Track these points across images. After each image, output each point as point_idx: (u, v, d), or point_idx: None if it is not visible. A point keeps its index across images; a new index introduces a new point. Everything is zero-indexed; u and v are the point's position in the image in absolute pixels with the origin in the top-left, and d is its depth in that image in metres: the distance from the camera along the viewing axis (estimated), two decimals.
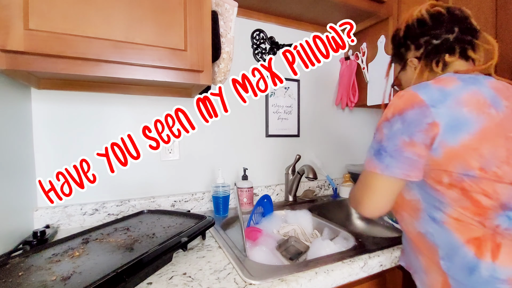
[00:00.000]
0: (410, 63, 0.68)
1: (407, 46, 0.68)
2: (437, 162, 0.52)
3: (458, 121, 0.51)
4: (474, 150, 0.50)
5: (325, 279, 0.63)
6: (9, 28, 0.59)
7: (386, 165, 0.55)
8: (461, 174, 0.51)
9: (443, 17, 0.62)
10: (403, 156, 0.53)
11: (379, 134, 0.58)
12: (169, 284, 0.59)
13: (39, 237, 0.77)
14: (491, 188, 0.51)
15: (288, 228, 1.00)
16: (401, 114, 0.54)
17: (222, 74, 0.90)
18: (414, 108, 0.53)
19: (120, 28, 0.69)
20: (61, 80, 0.89)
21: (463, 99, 0.52)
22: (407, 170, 0.54)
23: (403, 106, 0.54)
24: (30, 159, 0.88)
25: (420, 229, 0.59)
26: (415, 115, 0.52)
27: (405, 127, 0.53)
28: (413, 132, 0.52)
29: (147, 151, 1.06)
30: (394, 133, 0.54)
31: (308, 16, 1.28)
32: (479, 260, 0.50)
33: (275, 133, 1.32)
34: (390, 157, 0.55)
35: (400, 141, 0.54)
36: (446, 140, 0.51)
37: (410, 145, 0.53)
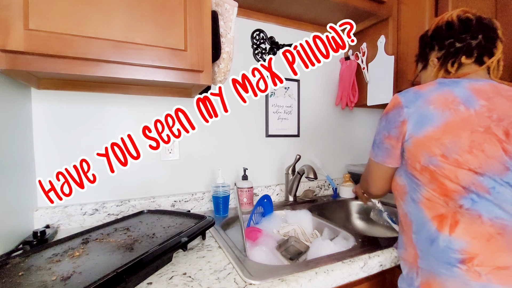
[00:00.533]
0: (432, 63, 0.75)
1: (432, 46, 0.74)
2: (410, 151, 0.63)
3: (424, 117, 0.61)
4: (436, 140, 0.59)
5: (325, 279, 0.63)
6: (9, 28, 0.59)
7: (375, 153, 0.71)
8: (427, 160, 0.60)
9: (471, 23, 0.68)
10: (383, 147, 0.68)
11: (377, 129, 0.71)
12: (169, 284, 0.59)
13: (39, 237, 0.77)
14: (453, 174, 0.58)
15: (288, 228, 1.00)
16: (386, 114, 0.68)
17: (222, 74, 0.90)
18: (394, 109, 0.66)
19: (120, 28, 0.69)
20: (61, 80, 0.89)
21: (432, 99, 0.62)
22: (384, 157, 0.69)
23: (388, 107, 0.68)
24: (30, 159, 0.88)
25: (405, 209, 0.68)
26: (393, 114, 0.66)
27: (386, 124, 0.67)
28: (390, 128, 0.66)
29: (147, 151, 1.06)
30: (380, 129, 0.69)
31: (308, 16, 1.28)
32: (439, 233, 0.59)
33: (275, 133, 1.32)
34: (377, 147, 0.70)
35: (382, 135, 0.68)
36: (414, 132, 0.62)
37: (388, 138, 0.66)
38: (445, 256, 0.58)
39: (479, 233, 0.57)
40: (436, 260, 0.59)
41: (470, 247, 0.56)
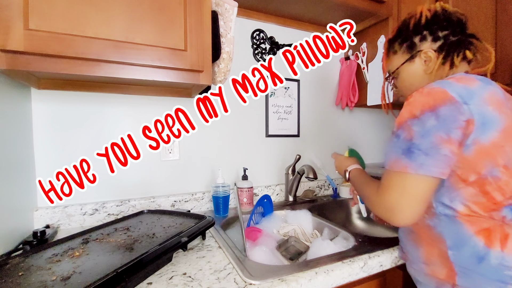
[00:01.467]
0: (424, 54, 0.66)
1: (423, 37, 0.66)
2: (467, 160, 0.52)
3: (486, 119, 0.52)
4: (501, 147, 0.52)
5: (325, 279, 0.63)
6: (9, 28, 0.59)
7: (420, 163, 0.52)
8: (488, 171, 0.52)
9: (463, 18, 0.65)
10: (440, 154, 0.51)
11: (406, 133, 0.55)
12: (169, 284, 0.59)
13: (39, 237, 0.77)
14: (506, 185, 0.53)
15: (288, 228, 1.00)
16: (434, 110, 0.52)
17: (222, 74, 0.90)
18: (447, 104, 0.51)
19: (120, 28, 0.69)
20: (61, 80, 0.89)
21: (487, 98, 0.53)
22: (443, 168, 0.52)
23: (433, 102, 0.53)
24: (30, 159, 0.88)
25: (428, 221, 0.60)
26: (449, 111, 0.51)
27: (440, 123, 0.51)
28: (450, 128, 0.51)
29: (147, 151, 1.06)
30: (428, 130, 0.52)
31: (308, 16, 1.28)
32: (489, 249, 0.52)
33: (275, 133, 1.32)
34: (425, 155, 0.52)
35: (436, 138, 0.51)
36: (479, 137, 0.51)
37: (448, 142, 0.51)
38: (498, 274, 0.51)
39: None
40: (485, 278, 0.52)
41: None
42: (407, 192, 0.54)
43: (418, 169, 0.52)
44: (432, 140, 0.52)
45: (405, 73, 0.71)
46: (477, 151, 0.52)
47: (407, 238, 0.68)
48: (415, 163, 0.53)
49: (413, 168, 0.53)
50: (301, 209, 1.11)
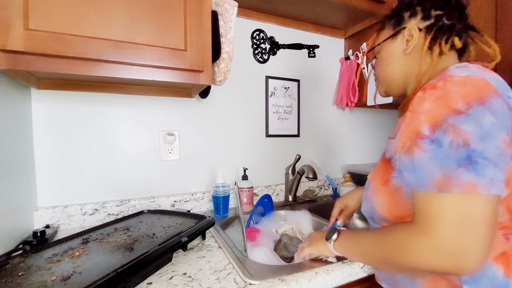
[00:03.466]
0: (407, 32, 0.57)
1: (414, 12, 0.57)
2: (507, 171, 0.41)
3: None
4: None
5: (325, 279, 0.63)
6: (9, 28, 0.59)
7: (490, 179, 0.38)
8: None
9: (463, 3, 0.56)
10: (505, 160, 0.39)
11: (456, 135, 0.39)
12: (169, 284, 0.59)
13: (39, 237, 0.77)
14: None
15: (285, 227, 1.00)
16: (484, 102, 0.39)
17: (222, 74, 0.90)
18: (495, 95, 0.40)
19: (120, 28, 0.69)
20: (61, 80, 0.89)
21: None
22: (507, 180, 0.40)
23: (478, 93, 0.40)
24: (30, 159, 0.88)
25: None
26: (500, 104, 0.40)
27: (498, 120, 0.39)
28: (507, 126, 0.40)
29: (147, 151, 1.06)
30: (489, 129, 0.38)
31: (308, 16, 1.28)
32: (510, 279, 0.43)
33: (275, 133, 1.32)
34: (494, 166, 0.38)
35: (501, 141, 0.39)
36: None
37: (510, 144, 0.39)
38: None
39: None
40: None
41: None
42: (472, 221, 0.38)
43: (490, 187, 0.38)
44: (498, 143, 0.38)
45: (384, 51, 0.62)
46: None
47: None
48: (484, 178, 0.38)
49: (485, 187, 0.37)
50: (301, 209, 1.11)
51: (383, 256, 0.49)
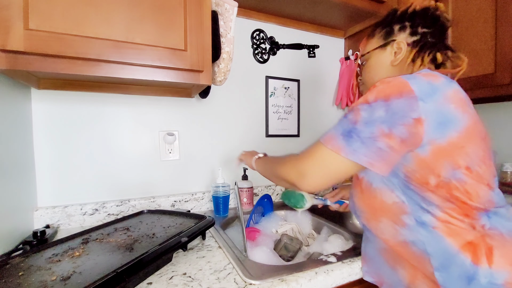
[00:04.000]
0: (396, 45, 0.63)
1: (403, 27, 0.63)
2: (424, 161, 0.50)
3: (446, 117, 0.49)
4: (461, 148, 0.49)
5: (325, 279, 0.63)
6: (9, 28, 0.59)
7: (353, 149, 0.51)
8: (450, 174, 0.49)
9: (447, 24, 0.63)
10: (375, 146, 0.50)
11: (354, 115, 0.53)
12: (169, 284, 0.59)
13: (39, 237, 0.77)
14: (475, 191, 0.50)
15: (286, 227, 1.00)
16: (387, 100, 0.50)
17: (222, 74, 0.90)
18: (403, 97, 0.49)
19: (120, 28, 0.69)
20: (61, 80, 0.89)
21: (450, 95, 0.51)
22: (373, 160, 0.51)
23: (389, 92, 0.50)
24: (30, 159, 0.88)
25: (406, 237, 0.54)
26: (401, 105, 0.49)
27: (388, 116, 0.49)
28: (395, 124, 0.49)
29: (147, 151, 1.06)
30: (373, 119, 0.50)
31: (308, 16, 1.28)
32: (477, 267, 0.47)
33: (275, 133, 1.32)
34: (362, 143, 0.51)
35: (377, 130, 0.50)
36: (434, 137, 0.49)
37: (387, 136, 0.49)
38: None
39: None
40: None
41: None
42: (327, 168, 0.55)
43: (349, 154, 0.52)
44: (373, 130, 0.50)
45: (373, 60, 0.68)
46: (433, 152, 0.49)
47: (381, 258, 0.62)
48: (349, 148, 0.52)
49: (346, 152, 0.52)
50: None
51: (280, 164, 0.67)
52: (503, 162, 1.19)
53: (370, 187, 0.59)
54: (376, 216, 0.59)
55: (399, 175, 0.53)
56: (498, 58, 1.01)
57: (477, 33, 1.08)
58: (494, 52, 1.02)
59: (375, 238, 0.62)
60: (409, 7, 0.64)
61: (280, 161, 0.67)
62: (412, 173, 0.52)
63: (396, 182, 0.54)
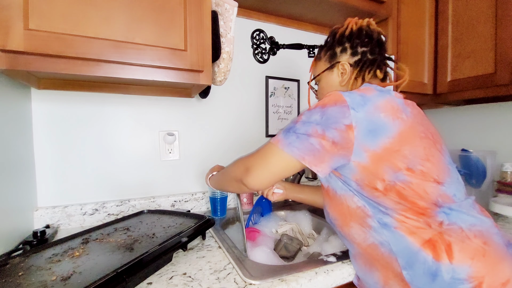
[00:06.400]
0: (341, 66, 0.69)
1: (344, 49, 0.69)
2: (367, 168, 0.54)
3: (376, 125, 0.53)
4: (396, 152, 0.52)
5: (325, 279, 0.63)
6: (9, 28, 0.59)
7: (288, 142, 0.57)
8: (392, 177, 0.52)
9: (382, 40, 0.70)
10: (308, 141, 0.55)
11: (297, 118, 0.60)
12: (169, 284, 0.59)
13: (39, 237, 0.77)
14: (421, 188, 0.52)
15: (286, 227, 1.00)
16: (323, 107, 0.56)
17: (222, 74, 0.90)
18: (336, 105, 0.55)
19: (120, 28, 0.69)
20: (61, 80, 0.89)
21: (380, 105, 0.55)
22: (304, 153, 0.56)
23: (327, 102, 0.57)
24: (30, 159, 0.88)
25: (373, 240, 0.56)
26: (334, 112, 0.55)
27: (322, 120, 0.55)
28: (328, 126, 0.54)
29: (147, 151, 1.06)
30: (310, 121, 0.57)
31: (308, 16, 1.28)
32: (439, 263, 0.49)
33: (275, 133, 1.32)
34: (296, 137, 0.57)
35: (312, 129, 0.56)
36: (367, 144, 0.53)
37: (320, 136, 0.55)
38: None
39: (473, 250, 0.49)
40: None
41: (475, 270, 0.48)
42: (268, 161, 0.60)
43: (284, 146, 0.58)
44: (308, 129, 0.56)
45: (323, 81, 0.74)
46: (371, 158, 0.53)
47: (358, 263, 0.63)
48: (285, 140, 0.58)
49: (282, 145, 0.58)
50: (301, 209, 1.11)
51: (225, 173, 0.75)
52: (503, 162, 1.19)
53: (335, 195, 0.62)
54: (346, 222, 0.61)
55: (351, 183, 0.57)
56: (498, 58, 1.01)
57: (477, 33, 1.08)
58: (494, 52, 1.03)
59: (350, 244, 0.64)
60: (346, 28, 0.70)
61: (232, 163, 0.73)
62: (361, 181, 0.55)
63: (352, 188, 0.58)
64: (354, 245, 0.62)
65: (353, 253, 0.65)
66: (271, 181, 0.62)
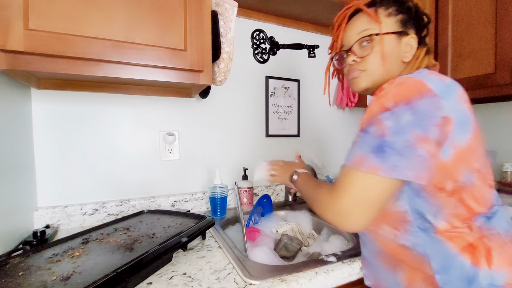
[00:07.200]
0: (411, 39, 0.57)
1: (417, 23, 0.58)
2: (445, 167, 0.46)
3: (464, 118, 0.46)
4: (473, 150, 0.48)
5: (325, 279, 0.63)
6: (9, 28, 0.59)
7: (393, 165, 0.45)
8: (466, 178, 0.47)
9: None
10: (416, 154, 0.44)
11: (377, 127, 0.47)
12: (169, 284, 0.59)
13: (39, 237, 0.77)
14: (480, 193, 0.50)
15: (286, 227, 1.00)
16: (409, 103, 0.45)
17: (222, 74, 0.90)
18: (424, 97, 0.45)
19: (120, 28, 0.69)
20: (61, 80, 0.89)
21: (460, 94, 0.48)
22: (419, 171, 0.45)
23: (407, 94, 0.46)
24: (30, 159, 0.88)
25: (404, 242, 0.53)
26: (426, 105, 0.44)
27: (416, 119, 0.44)
28: (427, 125, 0.44)
29: (147, 151, 1.06)
30: (403, 126, 0.44)
31: (308, 16, 1.28)
32: (477, 268, 0.47)
33: (275, 133, 1.32)
34: (399, 155, 0.44)
35: (412, 136, 0.44)
36: (457, 139, 0.46)
37: (424, 140, 0.44)
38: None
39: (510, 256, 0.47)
40: None
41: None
42: (368, 196, 0.47)
43: (390, 171, 0.45)
44: (408, 138, 0.44)
45: (388, 47, 0.57)
46: (456, 155, 0.46)
47: (379, 262, 0.60)
48: (387, 164, 0.45)
49: (385, 170, 0.45)
50: (301, 210, 1.11)
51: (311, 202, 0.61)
52: (503, 162, 1.19)
53: None
54: (376, 223, 0.56)
55: (412, 183, 0.49)
56: (498, 58, 1.01)
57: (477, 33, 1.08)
58: (494, 52, 1.03)
59: (372, 242, 0.61)
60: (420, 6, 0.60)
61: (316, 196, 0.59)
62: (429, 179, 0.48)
63: (404, 190, 0.51)
64: (377, 243, 0.58)
65: (373, 251, 0.61)
66: (373, 216, 0.49)
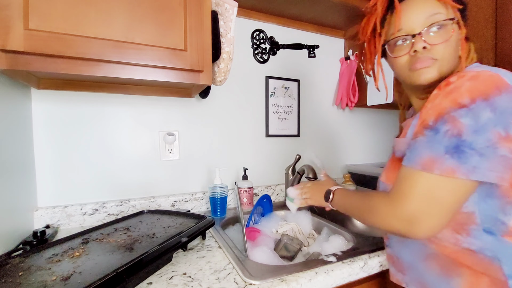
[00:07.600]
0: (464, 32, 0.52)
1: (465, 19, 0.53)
2: None
3: None
4: None
5: (325, 279, 0.63)
6: (9, 28, 0.59)
7: (473, 166, 0.42)
8: None
9: None
10: (498, 154, 0.41)
11: (451, 126, 0.44)
12: (169, 284, 0.59)
13: (39, 237, 0.77)
14: None
15: (286, 226, 1.00)
16: (487, 99, 0.42)
17: (222, 74, 0.90)
18: (502, 93, 0.42)
19: (120, 28, 0.69)
20: (61, 80, 0.89)
21: None
22: (502, 172, 0.42)
23: (485, 89, 0.42)
24: (30, 159, 0.88)
25: (468, 245, 0.48)
26: (505, 101, 0.41)
27: (497, 116, 0.41)
28: (508, 123, 0.41)
29: (147, 151, 1.06)
30: (483, 124, 0.41)
31: (308, 16, 1.28)
32: None
33: (275, 133, 1.32)
34: (480, 155, 0.41)
35: (493, 135, 0.41)
36: None
37: (507, 139, 0.41)
38: None
39: None
40: None
41: None
42: (440, 199, 0.44)
43: (470, 173, 0.42)
44: (489, 137, 0.41)
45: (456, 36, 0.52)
46: None
47: (431, 266, 0.54)
48: (466, 165, 0.42)
49: (464, 172, 0.42)
50: (301, 209, 1.11)
51: (361, 215, 0.58)
52: None
53: None
54: None
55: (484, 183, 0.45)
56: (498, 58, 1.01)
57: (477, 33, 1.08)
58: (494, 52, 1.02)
59: (424, 245, 0.55)
60: None
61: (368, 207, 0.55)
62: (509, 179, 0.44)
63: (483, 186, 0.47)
64: (432, 246, 0.53)
65: (422, 254, 0.55)
66: (447, 221, 0.46)
